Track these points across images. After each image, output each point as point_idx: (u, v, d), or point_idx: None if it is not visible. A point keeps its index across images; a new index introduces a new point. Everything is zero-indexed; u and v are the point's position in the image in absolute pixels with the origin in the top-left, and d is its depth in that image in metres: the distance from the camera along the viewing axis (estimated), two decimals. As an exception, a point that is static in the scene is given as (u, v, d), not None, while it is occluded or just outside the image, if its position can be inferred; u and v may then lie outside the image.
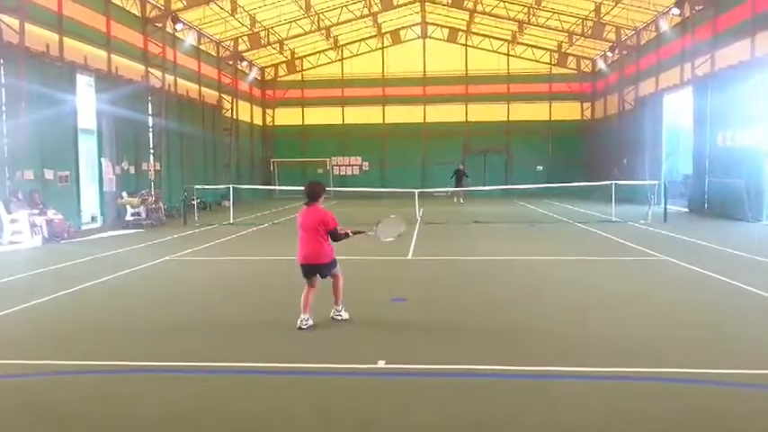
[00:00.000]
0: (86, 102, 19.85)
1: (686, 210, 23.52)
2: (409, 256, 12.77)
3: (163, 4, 23.81)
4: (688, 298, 8.70)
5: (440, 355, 6.09)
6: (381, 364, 5.74)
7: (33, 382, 5.48)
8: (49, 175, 17.19)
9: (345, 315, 7.46)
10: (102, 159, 20.37)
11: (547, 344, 6.46)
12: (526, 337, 6.79)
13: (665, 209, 19.61)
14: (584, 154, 37.84)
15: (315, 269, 7.22)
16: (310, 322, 7.10)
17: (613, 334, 6.80)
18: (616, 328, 7.05)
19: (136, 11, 23.34)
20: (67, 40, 18.72)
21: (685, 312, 7.82)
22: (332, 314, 7.45)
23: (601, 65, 35.95)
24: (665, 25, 26.83)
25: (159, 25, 24.01)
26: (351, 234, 7.34)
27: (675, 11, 24.96)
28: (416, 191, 22.38)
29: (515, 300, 8.78)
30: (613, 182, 21.56)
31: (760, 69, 18.72)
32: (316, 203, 7.21)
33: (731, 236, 15.68)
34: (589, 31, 31.55)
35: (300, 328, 6.98)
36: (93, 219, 20.35)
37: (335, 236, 7.21)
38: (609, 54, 34.10)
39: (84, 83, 19.76)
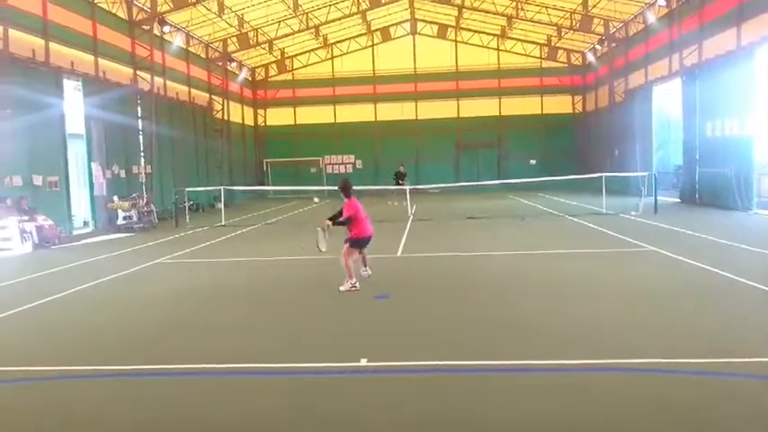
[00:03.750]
0: (74, 106, 19.78)
1: (677, 200, 23.60)
2: (398, 254, 12.77)
3: (149, 6, 23.73)
4: (672, 288, 8.72)
5: (421, 352, 6.10)
6: (363, 362, 5.75)
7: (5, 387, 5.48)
8: (37, 180, 17.14)
9: (369, 272, 9.83)
10: (92, 164, 20.31)
11: (530, 337, 6.48)
12: (509, 331, 6.80)
13: (656, 200, 19.67)
14: (577, 147, 37.91)
15: (368, 241, 9.67)
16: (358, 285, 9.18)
17: (595, 325, 6.83)
18: (597, 320, 7.07)
19: (122, 14, 23.26)
20: (53, 45, 18.65)
21: (668, 303, 7.85)
22: (361, 272, 9.66)
23: (590, 58, 36.02)
24: (652, 17, 26.88)
25: (146, 28, 23.92)
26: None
27: (662, 2, 25.01)
28: (407, 188, 22.39)
29: (500, 295, 8.80)
30: (603, 174, 21.59)
31: (746, 58, 18.78)
32: (353, 195, 9.63)
33: (721, 225, 15.74)
34: (578, 25, 31.60)
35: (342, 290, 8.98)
36: (85, 223, 20.30)
37: (335, 219, 9.52)
38: (598, 47, 34.15)
39: (71, 87, 19.70)
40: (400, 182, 27.48)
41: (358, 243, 9.48)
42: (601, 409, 4.60)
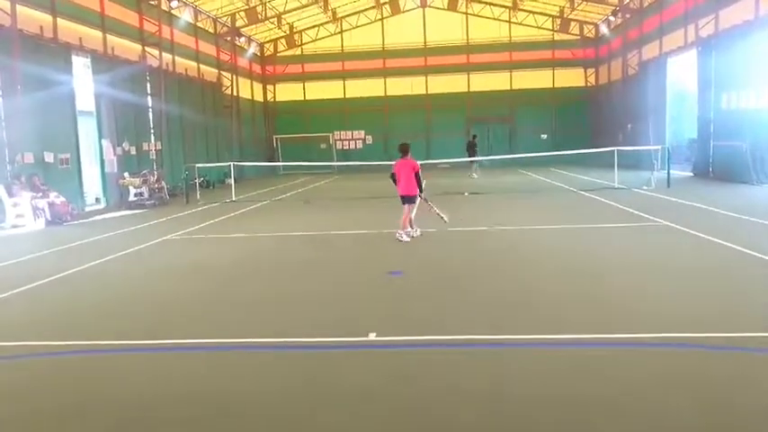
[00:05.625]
0: (84, 83, 19.78)
1: (691, 174, 23.33)
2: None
3: (157, -19, 23.56)
4: (684, 263, 8.66)
5: (433, 327, 6.11)
6: (372, 336, 5.77)
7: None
8: (49, 157, 17.22)
9: (406, 238, 10.96)
10: (103, 141, 20.38)
11: (539, 312, 6.46)
12: (520, 305, 6.79)
13: (669, 174, 19.45)
14: (589, 121, 37.48)
15: (407, 199, 11.15)
16: (417, 233, 11.25)
17: (606, 299, 6.80)
18: (608, 294, 7.04)
19: (130, -11, 23.12)
20: (61, 21, 18.59)
21: (680, 277, 7.79)
22: (400, 234, 11.02)
23: (604, 29, 35.39)
24: (668, -14, 26.29)
25: (154, 3, 23.78)
26: (422, 190, 11.17)
27: (678, -29, 24.43)
28: (418, 163, 22.21)
29: (511, 270, 8.78)
30: (615, 148, 21.34)
31: (764, 29, 18.35)
32: (407, 156, 11.17)
33: (734, 199, 15.55)
34: (591, -5, 31.00)
35: (400, 239, 10.83)
36: (97, 200, 20.45)
37: (417, 177, 11.01)
38: (611, 18, 33.54)
39: (80, 64, 19.67)
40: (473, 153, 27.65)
41: (401, 198, 11.26)
42: (611, 383, 4.60)
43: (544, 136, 37.78)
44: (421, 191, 11.15)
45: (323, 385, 4.75)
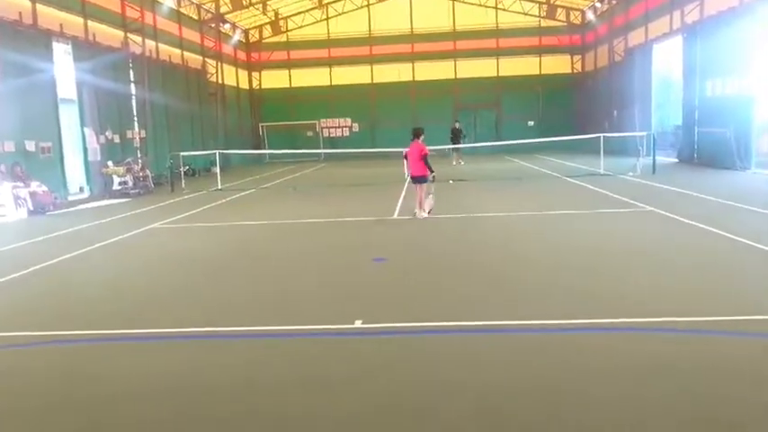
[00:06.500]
0: (65, 71, 19.45)
1: (676, 160, 23.48)
2: (395, 216, 12.74)
3: (138, -34, 23.16)
4: (668, 248, 8.71)
5: (417, 313, 6.10)
6: (358, 323, 5.75)
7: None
8: (30, 146, 16.95)
9: (423, 215, 11.92)
10: (85, 129, 20.09)
11: (526, 298, 6.48)
12: (505, 291, 6.81)
13: (654, 160, 19.56)
14: (576, 107, 37.56)
15: (416, 179, 12.12)
16: (424, 215, 11.93)
17: (592, 285, 6.83)
18: (594, 280, 7.08)
19: (111, -26, 22.71)
20: (41, 7, 18.23)
21: (665, 262, 7.84)
22: (416, 212, 12.04)
23: (590, 16, 35.39)
24: (653, -28, 26.28)
25: (136, -12, 23.39)
26: (431, 170, 11.93)
27: (664, -43, 24.42)
28: (404, 150, 22.15)
29: (494, 256, 8.79)
30: (602, 135, 21.40)
31: (748, 15, 18.42)
32: (417, 140, 12.06)
33: (718, 185, 15.69)
34: (577, -19, 30.93)
35: (419, 217, 11.87)
36: (81, 189, 20.19)
37: (426, 159, 11.86)
38: (598, 4, 33.54)
39: (61, 51, 19.32)
40: (458, 140, 27.49)
41: (411, 179, 12.39)
42: (598, 368, 4.62)
43: (531, 123, 37.84)
44: (431, 172, 11.95)
45: (310, 373, 4.73)
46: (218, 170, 22.38)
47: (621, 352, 4.87)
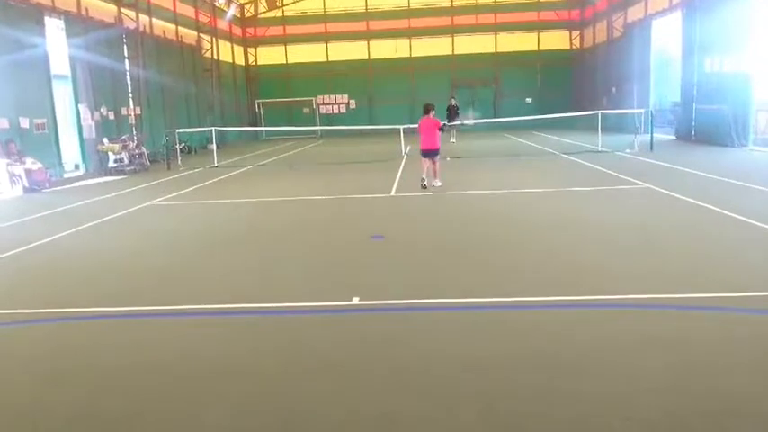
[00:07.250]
0: (58, 46, 19.22)
1: (674, 138, 23.43)
2: (392, 193, 12.72)
3: (131, -62, 22.72)
4: (664, 225, 8.73)
5: (415, 291, 6.13)
6: (356, 300, 5.78)
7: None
8: (24, 123, 16.82)
9: (439, 183, 12.81)
10: (80, 106, 19.91)
11: (520, 274, 6.51)
12: (502, 269, 6.83)
13: (652, 137, 19.51)
14: (574, 84, 37.30)
15: (429, 153, 12.74)
16: (439, 183, 12.78)
17: (587, 261, 6.86)
18: (585, 257, 7.10)
19: (103, -53, 22.30)
20: (32, -19, 17.94)
21: (662, 238, 7.87)
22: (433, 183, 12.78)
23: (590, -10, 34.93)
24: (654, -54, 25.92)
25: (129, -38, 22.99)
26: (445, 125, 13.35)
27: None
28: (402, 127, 22.08)
29: (490, 233, 8.80)
30: (599, 112, 21.30)
31: (749, -10, 18.23)
32: (428, 115, 12.66)
33: (716, 162, 15.68)
34: (577, -45, 30.49)
35: (424, 186, 12.62)
36: (76, 167, 20.09)
37: (441, 129, 12.71)
38: (598, -21, 33.08)
39: (53, 26, 19.07)
40: (453, 118, 26.53)
41: (422, 153, 12.84)
42: (591, 343, 4.66)
43: (529, 100, 37.60)
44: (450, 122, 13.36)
45: (307, 350, 4.76)
46: (214, 147, 22.26)
47: (613, 326, 4.91)
